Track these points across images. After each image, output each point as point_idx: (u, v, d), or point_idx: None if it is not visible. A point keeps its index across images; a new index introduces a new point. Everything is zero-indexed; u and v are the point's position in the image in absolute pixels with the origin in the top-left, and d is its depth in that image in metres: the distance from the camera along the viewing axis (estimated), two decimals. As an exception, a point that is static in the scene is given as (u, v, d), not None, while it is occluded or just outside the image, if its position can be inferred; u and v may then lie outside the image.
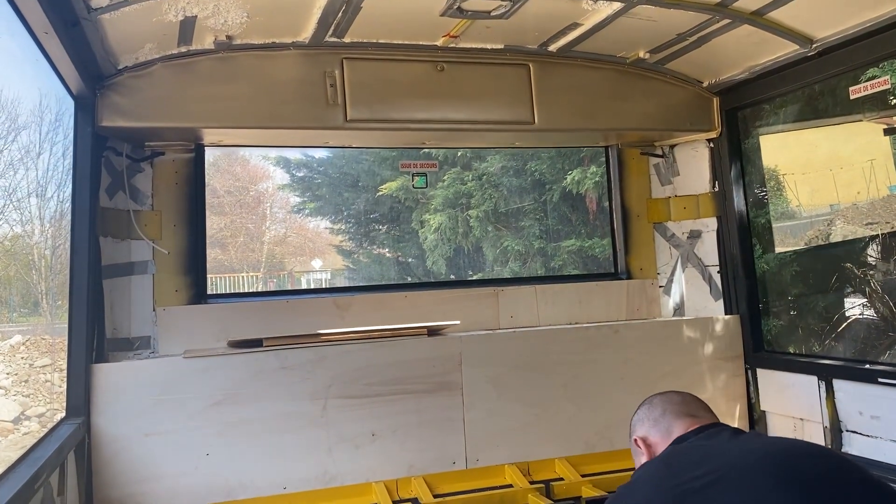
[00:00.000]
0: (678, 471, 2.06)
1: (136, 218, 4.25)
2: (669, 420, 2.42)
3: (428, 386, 4.19)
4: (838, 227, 6.95)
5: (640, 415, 2.56)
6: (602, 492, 3.98)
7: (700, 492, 1.91)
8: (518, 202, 15.82)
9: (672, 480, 2.02)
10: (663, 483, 2.04)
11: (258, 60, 4.03)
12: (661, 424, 2.44)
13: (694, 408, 2.48)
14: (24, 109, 11.64)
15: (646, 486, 2.12)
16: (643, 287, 5.23)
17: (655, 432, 2.44)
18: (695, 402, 2.53)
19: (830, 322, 6.09)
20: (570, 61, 4.54)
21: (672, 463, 2.17)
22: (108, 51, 3.57)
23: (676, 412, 2.44)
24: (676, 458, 2.18)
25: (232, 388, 3.88)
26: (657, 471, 2.18)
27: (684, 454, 2.21)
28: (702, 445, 2.24)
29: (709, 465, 2.00)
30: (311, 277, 19.90)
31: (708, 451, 2.15)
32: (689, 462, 2.08)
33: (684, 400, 2.52)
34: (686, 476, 1.99)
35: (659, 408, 2.50)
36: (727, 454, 2.09)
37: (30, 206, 12.92)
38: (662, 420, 2.44)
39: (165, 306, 4.27)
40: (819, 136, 6.32)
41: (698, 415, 2.44)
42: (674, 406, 2.47)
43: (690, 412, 2.44)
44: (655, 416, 2.48)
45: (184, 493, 3.76)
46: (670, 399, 2.53)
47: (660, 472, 2.17)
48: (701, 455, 2.11)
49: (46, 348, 13.17)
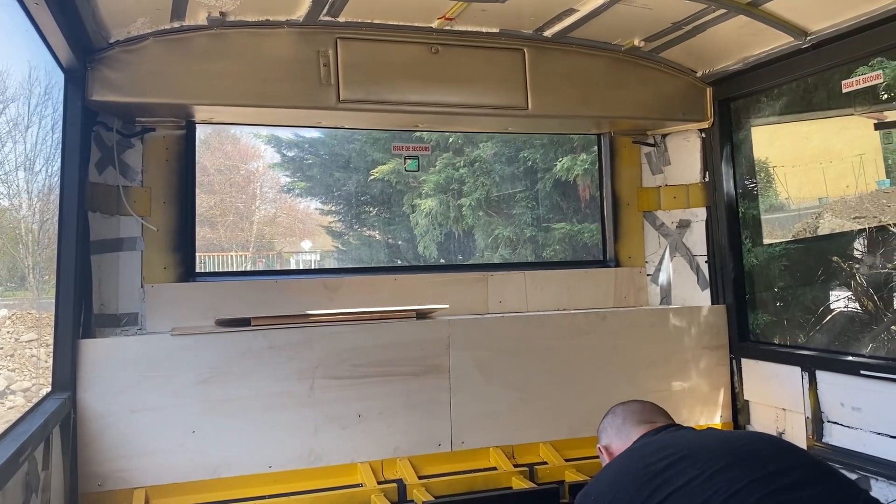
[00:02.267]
0: (642, 456, 2.21)
1: (126, 194, 4.22)
2: (629, 428, 2.58)
3: (415, 368, 4.21)
4: (826, 221, 6.99)
5: (604, 423, 2.74)
6: (585, 476, 4.02)
7: (664, 471, 2.05)
8: (510, 189, 15.81)
9: (639, 462, 2.17)
10: (630, 467, 2.18)
11: (251, 38, 4.00)
12: (622, 432, 2.60)
13: (653, 415, 2.63)
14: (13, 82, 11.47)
15: (613, 474, 2.26)
16: (631, 275, 5.26)
17: (617, 439, 2.61)
18: (654, 409, 2.68)
19: (815, 314, 6.14)
20: (565, 47, 4.53)
21: (634, 452, 2.33)
22: (100, 24, 3.53)
23: (636, 420, 2.60)
24: (639, 450, 2.32)
25: (219, 367, 3.88)
26: (622, 461, 2.32)
27: (646, 445, 2.34)
28: (661, 438, 2.38)
29: (671, 449, 2.15)
30: (301, 258, 19.84)
31: (668, 440, 2.31)
32: (651, 450, 2.22)
33: (644, 408, 2.68)
34: (651, 458, 2.14)
35: (620, 417, 2.67)
36: (687, 440, 2.25)
37: (17, 179, 12.78)
38: (623, 428, 2.61)
39: (153, 283, 4.26)
40: (810, 130, 6.35)
41: (656, 420, 2.59)
42: (633, 415, 2.63)
43: (649, 419, 2.60)
44: (617, 424, 2.65)
45: (169, 469, 3.77)
46: (630, 408, 2.69)
47: (624, 460, 2.31)
48: (661, 444, 2.25)
49: (33, 323, 13.08)
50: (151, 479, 3.74)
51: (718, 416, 4.78)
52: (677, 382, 4.70)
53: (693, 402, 4.71)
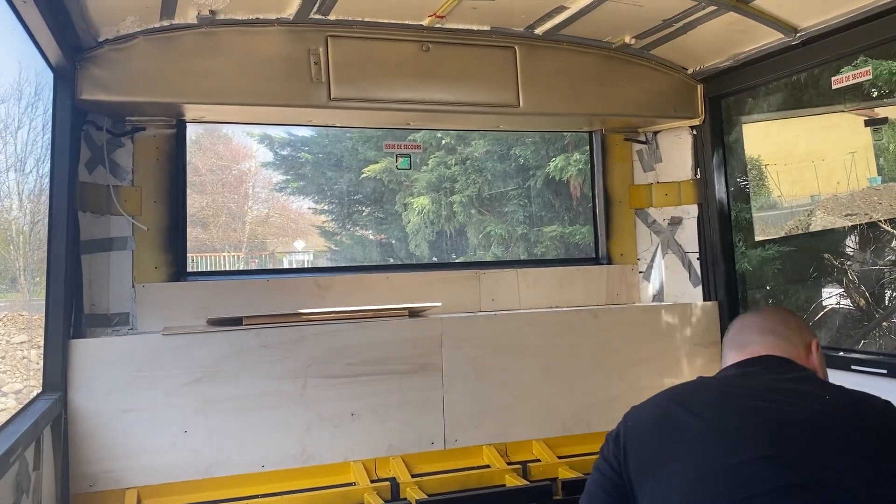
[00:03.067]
0: (667, 410, 2.03)
1: (116, 193, 4.20)
2: (725, 351, 2.32)
3: (408, 367, 4.20)
4: (818, 218, 7.02)
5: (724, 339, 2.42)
6: (578, 473, 4.03)
7: (667, 446, 1.92)
8: (502, 187, 15.83)
9: (663, 418, 2.01)
10: (659, 417, 2.03)
11: (242, 36, 3.99)
12: (722, 356, 2.33)
13: (746, 334, 2.27)
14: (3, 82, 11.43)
15: (644, 414, 2.09)
16: (623, 272, 5.26)
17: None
18: (750, 327, 2.29)
19: (807, 311, 6.17)
20: (556, 45, 4.53)
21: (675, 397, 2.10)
22: (89, 22, 3.51)
23: (729, 342, 2.31)
24: (676, 399, 2.09)
25: (211, 366, 3.87)
26: (666, 398, 2.13)
27: (693, 391, 2.13)
28: (713, 385, 2.15)
29: (695, 419, 1.95)
30: (294, 258, 19.83)
31: (714, 396, 2.06)
32: (678, 404, 2.03)
33: (743, 326, 2.32)
34: (672, 420, 1.98)
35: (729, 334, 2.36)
36: (726, 406, 1.98)
37: (8, 180, 12.72)
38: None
39: (145, 283, 4.24)
40: (802, 127, 6.37)
41: (747, 345, 2.24)
42: (731, 334, 2.33)
43: (741, 341, 2.26)
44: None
45: (161, 469, 3.76)
46: (733, 325, 2.37)
47: (665, 399, 2.12)
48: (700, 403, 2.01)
49: (24, 324, 13.03)
50: (143, 480, 3.73)
51: (711, 412, 4.78)
52: (670, 379, 4.70)
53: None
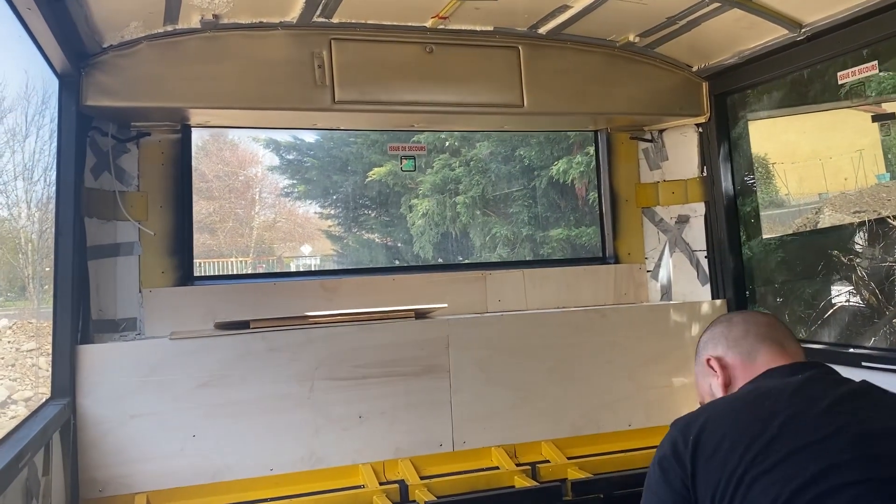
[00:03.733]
0: (760, 410, 1.78)
1: (122, 199, 4.21)
2: (752, 342, 2.06)
3: (415, 369, 4.19)
4: (826, 216, 6.98)
5: (714, 332, 2.18)
6: (588, 474, 4.01)
7: (768, 446, 1.68)
8: (506, 188, 15.82)
9: (757, 421, 1.75)
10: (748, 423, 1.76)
11: (245, 40, 3.99)
12: (742, 345, 2.07)
13: (781, 335, 2.08)
14: (11, 92, 11.49)
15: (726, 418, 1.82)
16: (631, 271, 5.24)
17: (735, 353, 2.08)
18: (781, 328, 2.11)
19: (817, 308, 6.13)
20: (560, 44, 4.52)
21: (758, 398, 1.85)
22: (93, 28, 3.52)
23: (762, 335, 2.07)
24: (761, 398, 1.84)
25: (218, 370, 3.86)
26: (743, 403, 1.87)
27: (778, 392, 1.84)
28: (796, 389, 1.84)
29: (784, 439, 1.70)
30: (301, 263, 19.87)
31: (801, 403, 1.78)
32: (771, 402, 1.79)
33: (770, 323, 2.12)
34: (764, 417, 1.74)
35: (740, 327, 2.12)
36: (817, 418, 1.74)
37: (16, 189, 12.79)
38: (744, 341, 2.08)
39: (151, 288, 4.25)
40: (808, 124, 6.34)
41: (787, 346, 2.05)
42: (759, 328, 2.09)
43: (778, 339, 2.06)
44: (736, 335, 2.10)
45: (170, 474, 3.75)
46: (755, 319, 2.14)
47: (745, 404, 1.86)
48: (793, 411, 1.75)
49: (33, 332, 13.09)
50: (152, 484, 3.72)
51: (721, 411, 4.76)
52: (678, 378, 4.68)
53: (695, 397, 4.66)
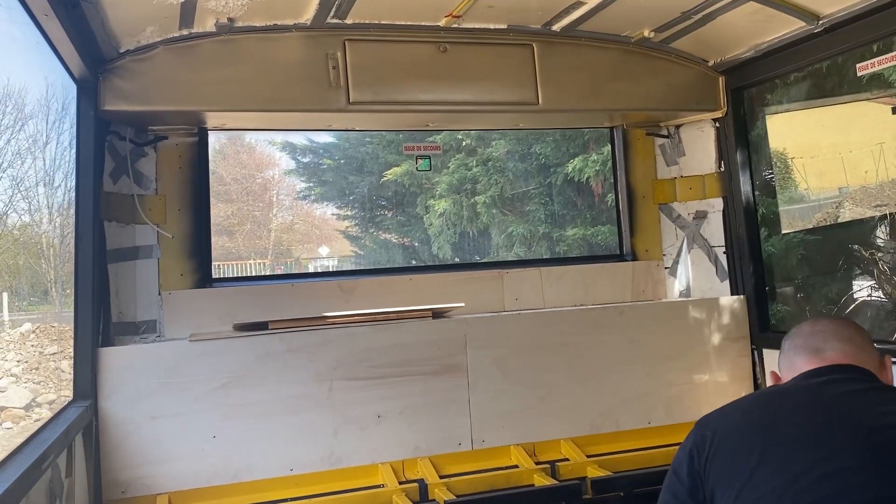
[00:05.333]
0: (762, 413, 2.02)
1: (141, 202, 4.25)
2: (793, 354, 2.25)
3: (433, 368, 4.19)
4: (847, 210, 6.89)
5: (781, 347, 2.39)
6: (608, 472, 3.99)
7: (765, 451, 1.88)
8: (523, 186, 15.79)
9: (754, 423, 1.98)
10: (748, 425, 2.00)
11: (260, 43, 4.02)
12: (789, 359, 2.27)
13: (820, 340, 2.22)
14: (31, 98, 11.65)
15: (730, 422, 2.06)
16: (648, 268, 5.21)
17: (786, 368, 2.29)
18: (823, 333, 2.24)
19: (838, 304, 6.06)
20: (574, 41, 4.50)
21: (763, 400, 2.12)
22: (110, 34, 3.56)
23: (800, 346, 2.24)
24: (766, 401, 2.12)
25: (238, 371, 3.89)
26: (752, 406, 2.12)
27: (783, 395, 2.13)
28: (803, 390, 2.11)
29: (797, 418, 1.94)
30: (318, 264, 19.97)
31: (804, 399, 2.05)
32: (775, 406, 2.02)
33: (813, 331, 2.27)
34: (763, 420, 1.95)
35: (791, 340, 2.31)
36: (820, 413, 1.97)
37: (38, 195, 12.96)
38: (790, 354, 2.28)
39: (171, 290, 4.28)
40: (827, 117, 6.26)
41: (823, 351, 2.19)
42: (800, 339, 2.27)
43: (815, 346, 2.21)
44: (786, 348, 2.31)
45: (191, 475, 3.78)
46: (800, 331, 2.32)
47: (751, 409, 2.11)
48: (793, 406, 2.02)
49: (56, 336, 13.26)
50: (174, 485, 3.76)
51: (741, 408, 4.73)
52: (698, 375, 4.65)
53: (715, 394, 4.65)
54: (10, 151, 11.90)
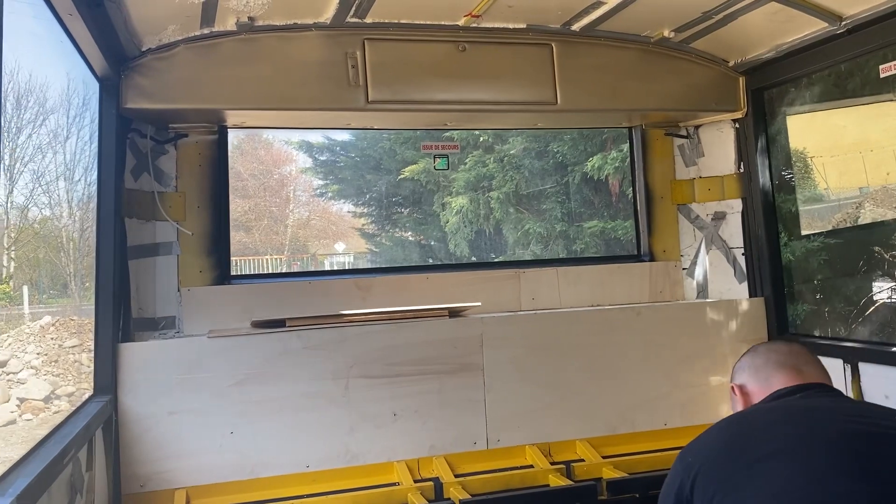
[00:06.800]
0: (752, 428, 2.01)
1: (161, 199, 4.28)
2: (770, 370, 2.30)
3: (449, 367, 4.20)
4: (867, 211, 6.82)
5: (743, 362, 2.44)
6: (623, 473, 3.98)
7: (766, 459, 1.86)
8: (540, 184, 15.75)
9: (744, 437, 1.98)
10: (735, 439, 2.00)
11: (280, 42, 4.04)
12: (761, 373, 2.32)
13: (801, 361, 2.31)
14: (53, 94, 11.76)
15: (717, 437, 2.06)
16: (666, 269, 5.19)
17: (754, 381, 2.33)
18: (803, 355, 2.34)
19: (858, 306, 5.99)
20: (594, 41, 4.49)
21: (749, 417, 2.12)
22: (132, 32, 3.59)
23: (779, 362, 2.30)
24: (754, 417, 2.11)
25: (255, 368, 3.92)
26: (735, 423, 2.12)
27: (770, 411, 2.12)
28: (791, 405, 2.12)
29: (787, 428, 1.94)
30: (334, 260, 20.03)
31: (795, 413, 2.05)
32: (765, 422, 2.02)
33: (791, 351, 2.36)
34: (757, 440, 1.94)
35: (762, 356, 2.37)
36: (807, 424, 1.98)
37: (58, 189, 13.09)
38: (764, 369, 2.32)
39: (190, 287, 4.32)
40: (848, 118, 6.20)
41: (804, 370, 2.27)
42: (778, 356, 2.33)
43: (795, 365, 2.29)
44: (758, 364, 2.36)
45: (208, 470, 3.82)
46: (776, 349, 2.40)
47: (737, 424, 2.11)
48: (782, 418, 2.03)
49: (75, 329, 13.38)
50: (191, 480, 3.80)
51: (759, 410, 4.70)
52: (715, 377, 4.63)
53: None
54: (31, 146, 12.03)
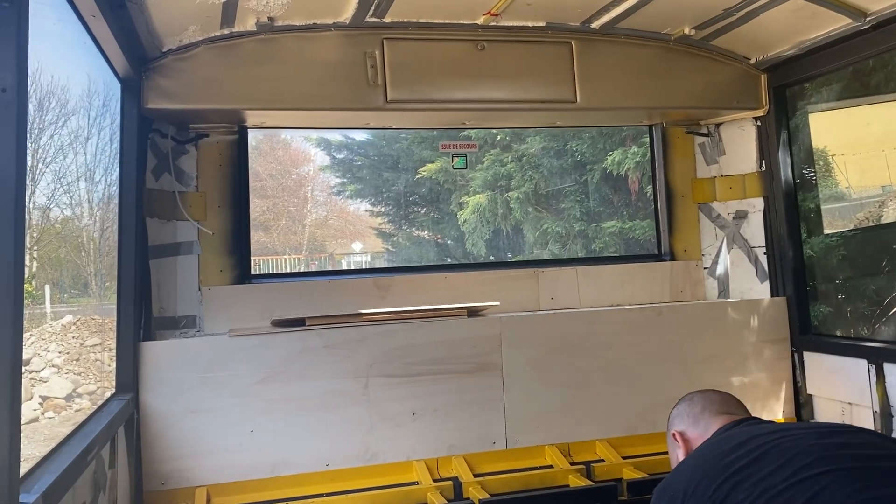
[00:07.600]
0: (721, 452, 2.09)
1: (182, 199, 4.31)
2: (708, 418, 2.49)
3: (468, 366, 4.20)
4: (890, 209, 6.73)
5: (680, 409, 2.64)
6: (643, 473, 3.96)
7: (745, 468, 1.94)
8: (558, 183, 15.69)
9: (718, 458, 2.05)
10: (710, 464, 2.06)
11: (299, 42, 4.05)
12: (700, 421, 2.51)
13: (732, 406, 2.55)
14: (74, 94, 11.86)
15: (690, 469, 2.13)
16: (687, 268, 5.15)
17: (693, 429, 2.52)
18: (733, 401, 2.60)
19: (881, 306, 5.92)
20: (614, 38, 4.46)
21: (713, 446, 2.21)
22: (153, 33, 3.62)
23: (715, 411, 2.51)
24: (717, 444, 2.21)
25: (275, 367, 3.94)
26: (700, 455, 2.21)
27: (725, 439, 2.24)
28: (741, 431, 2.26)
29: (753, 443, 2.03)
30: (352, 260, 20.09)
31: (748, 434, 2.17)
32: (731, 445, 2.11)
33: (723, 399, 2.59)
34: (731, 455, 2.03)
35: (699, 405, 2.57)
36: (770, 433, 2.10)
37: (79, 189, 13.22)
38: (701, 417, 2.51)
39: (210, 286, 4.35)
40: (871, 115, 6.12)
41: (734, 413, 2.51)
42: (713, 405, 2.54)
43: (728, 411, 2.52)
44: (695, 412, 2.55)
45: (229, 468, 3.84)
46: (710, 398, 2.60)
47: (702, 454, 2.20)
48: (742, 438, 2.13)
49: (96, 328, 13.51)
50: (212, 478, 3.82)
51: (780, 411, 4.66)
52: (737, 377, 4.59)
53: (754, 397, 4.58)
54: (52, 147, 12.16)
